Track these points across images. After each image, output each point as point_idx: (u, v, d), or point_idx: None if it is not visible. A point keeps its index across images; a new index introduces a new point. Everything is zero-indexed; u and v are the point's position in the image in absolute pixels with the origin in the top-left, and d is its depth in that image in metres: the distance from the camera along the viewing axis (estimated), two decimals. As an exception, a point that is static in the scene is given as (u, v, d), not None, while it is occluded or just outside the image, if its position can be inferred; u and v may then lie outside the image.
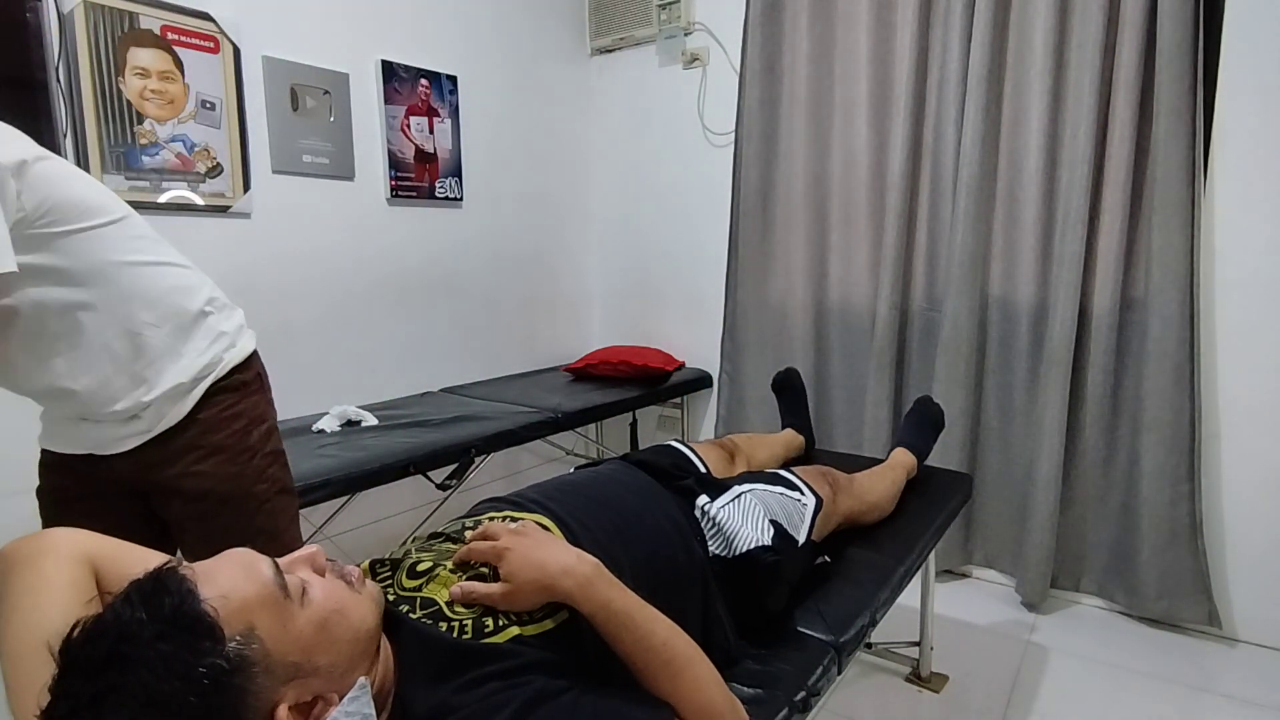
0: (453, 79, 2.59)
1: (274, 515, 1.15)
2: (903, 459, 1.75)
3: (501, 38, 2.76)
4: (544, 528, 0.93)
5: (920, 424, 1.87)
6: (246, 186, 2.05)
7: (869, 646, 1.94)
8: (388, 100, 2.39)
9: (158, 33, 1.84)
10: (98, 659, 0.57)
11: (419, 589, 0.84)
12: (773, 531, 1.17)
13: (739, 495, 1.23)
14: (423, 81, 2.49)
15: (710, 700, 0.79)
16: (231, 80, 2.00)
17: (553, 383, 2.74)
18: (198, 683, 0.57)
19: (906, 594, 1.44)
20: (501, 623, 0.79)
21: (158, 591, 0.60)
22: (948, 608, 2.15)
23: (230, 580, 0.63)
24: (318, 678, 0.66)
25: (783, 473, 1.39)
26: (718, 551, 1.13)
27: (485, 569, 0.83)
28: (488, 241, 2.79)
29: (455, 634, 0.78)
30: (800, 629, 1.17)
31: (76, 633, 0.58)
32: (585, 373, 2.81)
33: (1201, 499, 1.97)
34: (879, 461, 1.76)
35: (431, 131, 2.54)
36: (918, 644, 1.85)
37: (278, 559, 0.69)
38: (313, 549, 0.74)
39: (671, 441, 1.48)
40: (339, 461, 1.73)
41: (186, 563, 0.65)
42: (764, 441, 1.82)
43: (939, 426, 1.89)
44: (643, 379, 2.71)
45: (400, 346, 2.53)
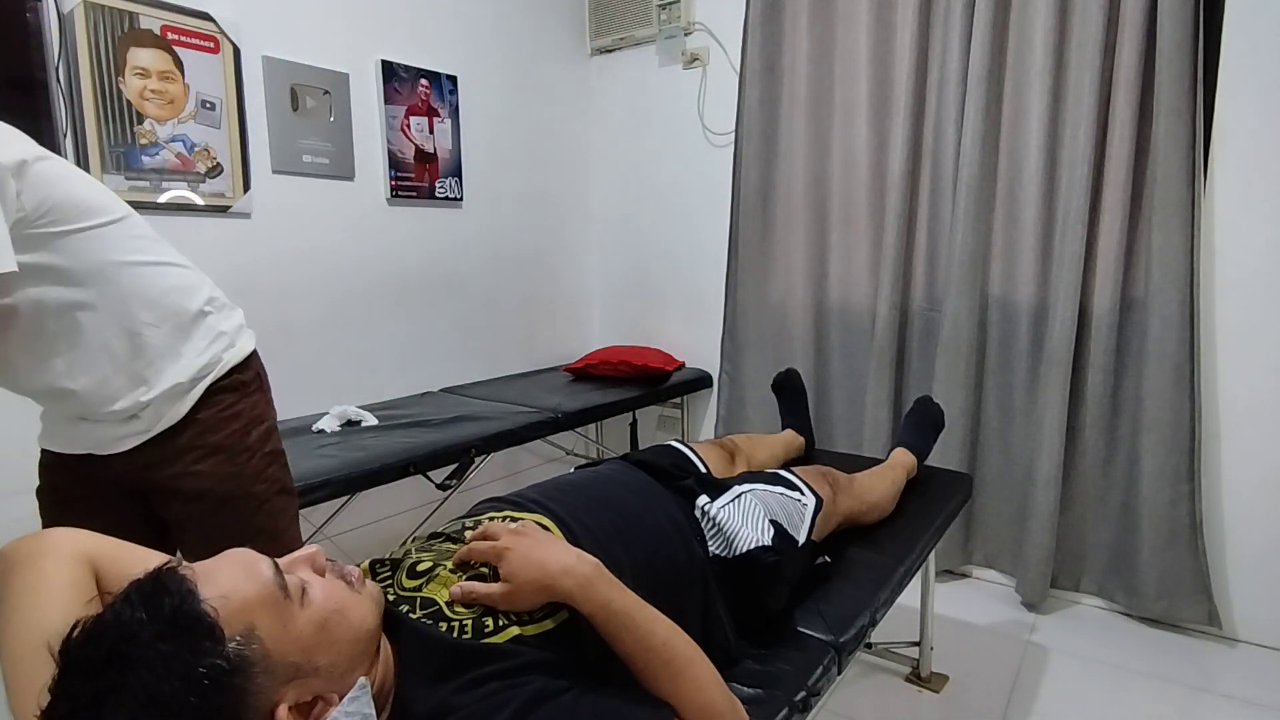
0: (453, 79, 2.59)
1: (273, 515, 1.15)
2: (903, 459, 1.75)
3: (501, 38, 2.76)
4: (544, 528, 0.93)
5: (920, 424, 1.87)
6: (246, 186, 2.05)
7: (869, 646, 1.94)
8: (388, 100, 2.39)
9: (158, 33, 1.84)
10: (98, 659, 0.57)
11: (419, 589, 0.84)
12: (773, 531, 1.17)
13: (739, 495, 1.23)
14: (423, 81, 2.49)
15: (710, 700, 0.79)
16: (231, 80, 2.00)
17: (553, 383, 2.74)
18: (198, 683, 0.57)
19: (906, 594, 1.44)
20: (501, 623, 0.79)
21: (158, 591, 0.60)
22: (948, 608, 2.15)
23: (230, 580, 0.63)
24: (318, 678, 0.66)
25: (783, 473, 1.39)
26: (718, 551, 1.13)
27: (485, 569, 0.83)
28: (488, 241, 2.79)
29: (455, 634, 0.78)
30: (800, 629, 1.17)
31: (76, 633, 0.58)
32: (585, 373, 2.81)
33: (1201, 499, 1.97)
34: (879, 461, 1.76)
35: (431, 131, 2.54)
36: (918, 644, 1.85)
37: (278, 559, 0.69)
38: (313, 549, 0.74)
39: (671, 441, 1.48)
40: (339, 461, 1.73)
41: (186, 563, 0.65)
42: (764, 442, 1.82)
43: (939, 426, 1.89)
44: (643, 379, 2.71)
45: (400, 346, 2.53)
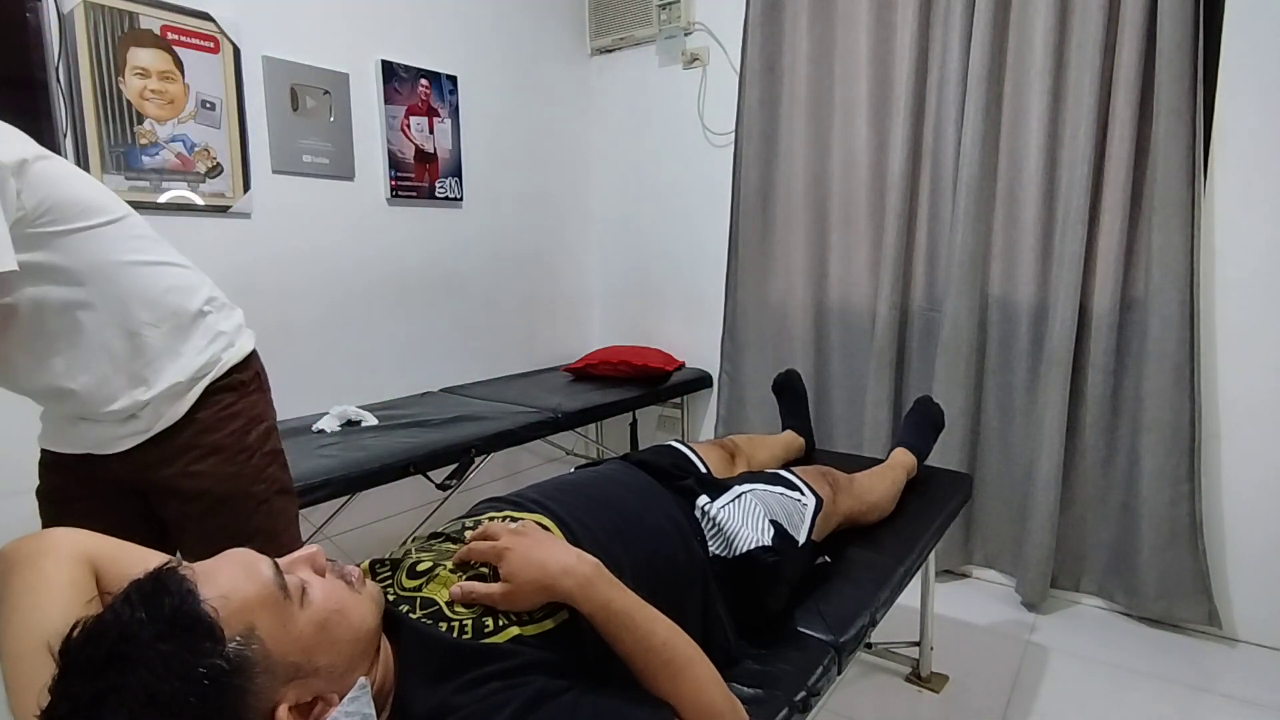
0: (453, 79, 2.59)
1: (272, 515, 1.15)
2: (903, 459, 1.75)
3: (501, 38, 2.76)
4: (544, 528, 0.93)
5: (920, 424, 1.87)
6: (246, 186, 2.05)
7: (869, 646, 1.93)
8: (388, 100, 2.39)
9: (158, 33, 1.84)
10: (98, 659, 0.57)
11: (419, 589, 0.83)
12: (773, 532, 1.17)
13: (739, 495, 1.23)
14: (423, 81, 2.49)
15: (710, 700, 0.79)
16: (231, 80, 2.00)
17: (553, 383, 2.74)
18: (198, 683, 0.57)
19: (906, 594, 1.44)
20: (501, 623, 0.79)
21: (158, 591, 0.60)
22: (948, 608, 2.15)
23: (230, 580, 0.63)
24: (318, 678, 0.66)
25: (783, 473, 1.39)
26: (718, 552, 1.13)
27: (485, 569, 0.83)
28: (488, 241, 2.79)
29: (455, 634, 0.78)
30: (800, 629, 1.17)
31: (76, 633, 0.58)
32: (585, 373, 2.81)
33: (1201, 499, 1.97)
34: (879, 461, 1.76)
35: (431, 131, 2.54)
36: (918, 644, 1.85)
37: (278, 559, 0.69)
38: (313, 549, 0.74)
39: (672, 442, 1.48)
40: (339, 461, 1.73)
41: (186, 563, 0.65)
42: (764, 442, 1.82)
43: (939, 426, 1.89)
44: (643, 379, 2.71)
45: (400, 346, 2.53)
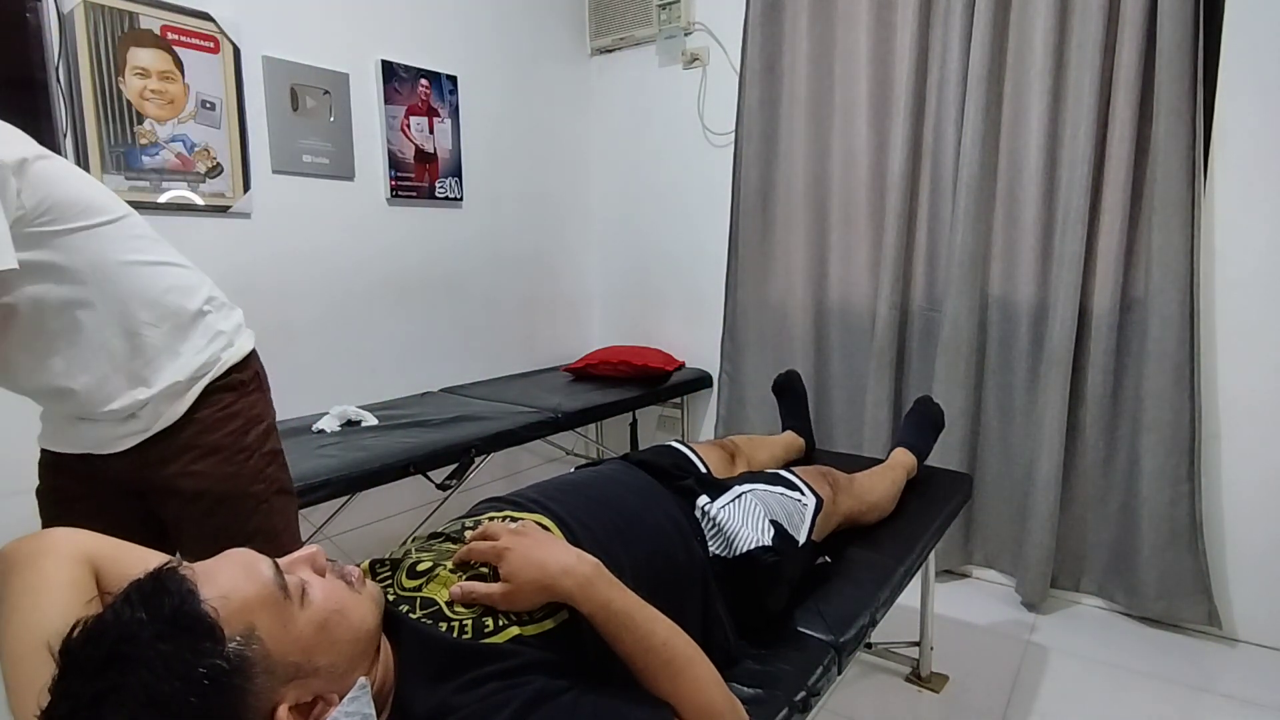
0: (453, 79, 2.59)
1: (271, 515, 1.15)
2: (903, 459, 1.75)
3: (501, 38, 2.76)
4: (544, 528, 0.93)
5: (920, 424, 1.87)
6: (246, 186, 2.05)
7: (869, 646, 1.93)
8: (388, 100, 2.39)
9: (158, 33, 1.84)
10: (98, 659, 0.57)
11: (419, 589, 0.83)
12: (773, 532, 1.17)
13: (739, 495, 1.23)
14: (423, 81, 2.49)
15: (710, 700, 0.79)
16: (231, 80, 2.00)
17: (553, 383, 2.74)
18: (198, 683, 0.57)
19: (906, 594, 1.44)
20: (501, 623, 0.79)
21: (158, 592, 0.60)
22: (948, 608, 2.15)
23: (231, 580, 0.63)
24: (318, 678, 0.66)
25: (783, 473, 1.39)
26: (718, 552, 1.13)
27: (485, 569, 0.83)
28: (488, 241, 2.79)
29: (455, 634, 0.78)
30: (800, 629, 1.17)
31: (76, 633, 0.58)
32: (585, 373, 2.81)
33: (1201, 499, 1.97)
34: (879, 461, 1.76)
35: (431, 131, 2.54)
36: (918, 644, 1.85)
37: (278, 559, 0.69)
38: (313, 549, 0.74)
39: (672, 442, 1.48)
40: (339, 461, 1.73)
41: (186, 563, 0.65)
42: (764, 443, 1.82)
43: (939, 426, 1.89)
44: (643, 379, 2.71)
45: (400, 346, 2.53)
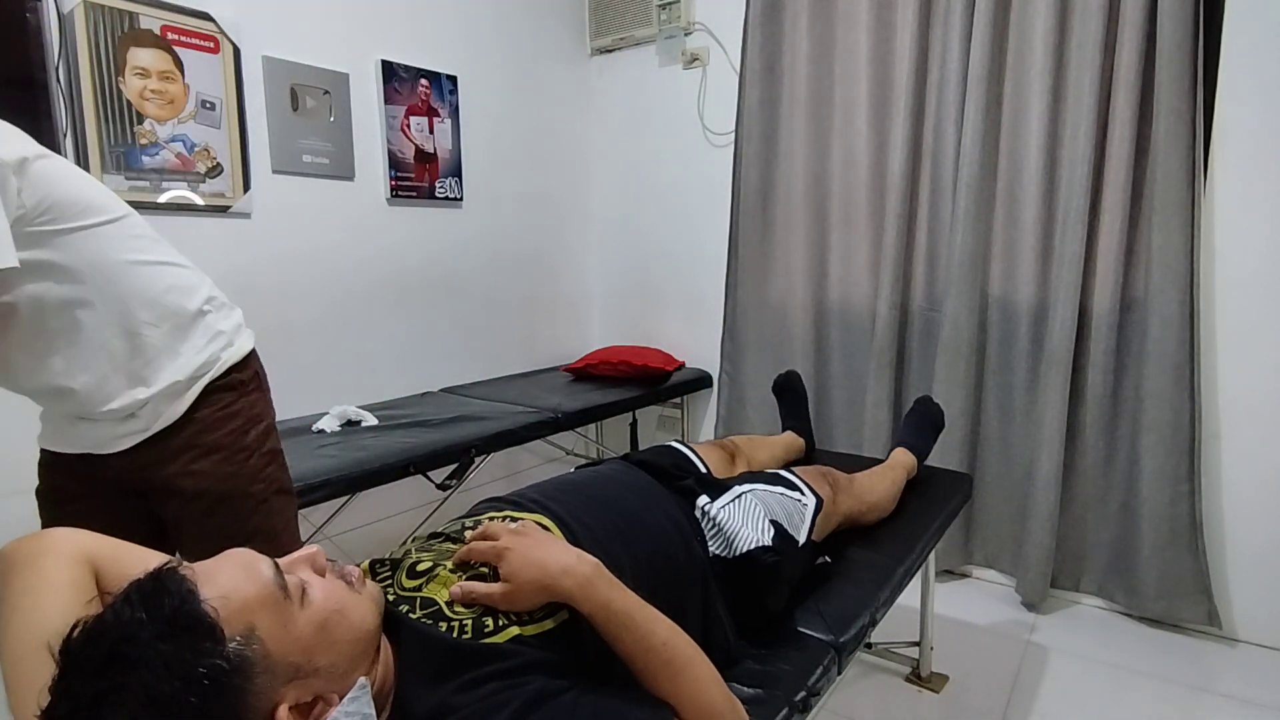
0: (453, 79, 2.59)
1: (271, 515, 1.15)
2: (903, 459, 1.75)
3: (501, 38, 2.76)
4: (544, 528, 0.93)
5: (920, 424, 1.87)
6: (246, 186, 2.05)
7: (869, 646, 1.93)
8: (388, 100, 2.39)
9: (158, 33, 1.84)
10: (98, 659, 0.57)
11: (419, 589, 0.83)
12: (773, 532, 1.17)
13: (739, 495, 1.23)
14: (423, 81, 2.49)
15: (710, 700, 0.79)
16: (231, 80, 2.00)
17: (553, 383, 2.74)
18: (198, 683, 0.57)
19: (906, 594, 1.44)
20: (501, 623, 0.79)
21: (158, 592, 0.60)
22: (948, 608, 2.15)
23: (231, 580, 0.63)
24: (318, 678, 0.66)
25: (783, 473, 1.39)
26: (718, 552, 1.13)
27: (485, 569, 0.83)
28: (488, 241, 2.79)
29: (455, 634, 0.78)
30: (800, 629, 1.17)
31: (76, 633, 0.58)
32: (585, 373, 2.81)
33: (1201, 499, 1.97)
34: (879, 461, 1.76)
35: (431, 131, 2.54)
36: (918, 644, 1.85)
37: (278, 559, 0.69)
38: (313, 549, 0.74)
39: (672, 442, 1.48)
40: (339, 461, 1.73)
41: (186, 563, 0.65)
42: (764, 443, 1.82)
43: (939, 426, 1.89)
44: (643, 379, 2.71)
45: (400, 346, 2.53)
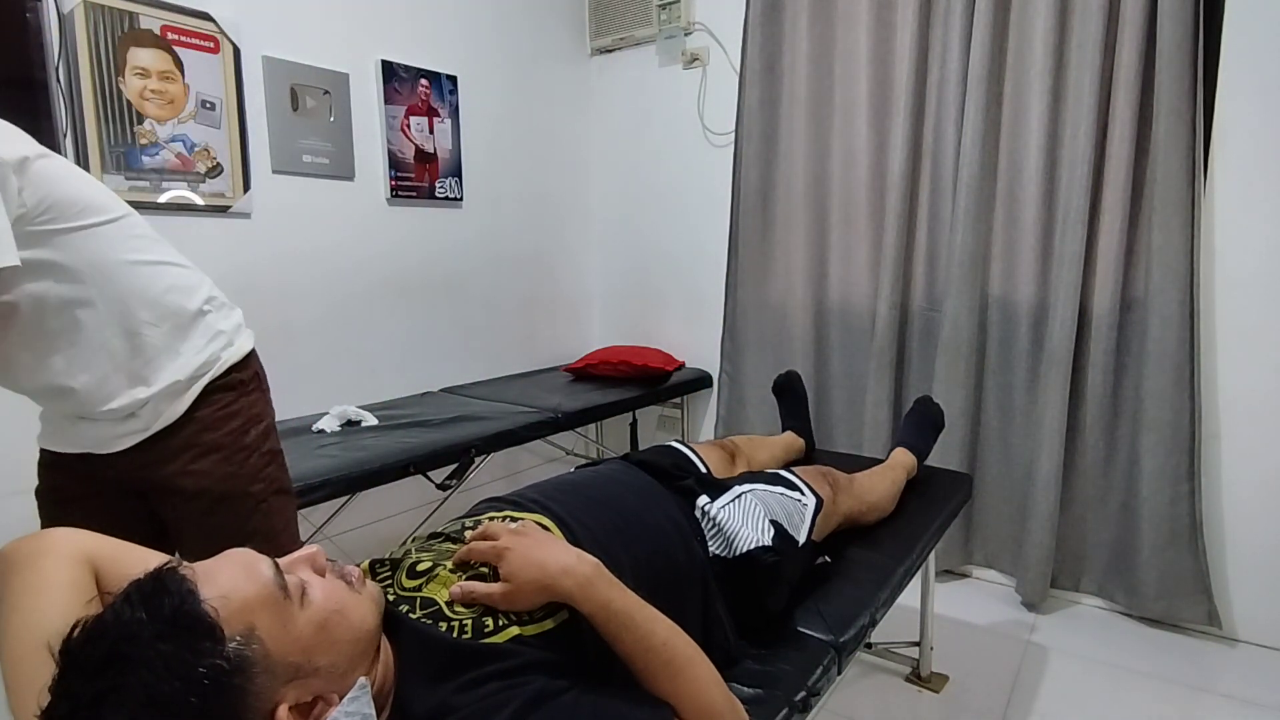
0: (453, 79, 2.59)
1: (270, 515, 1.15)
2: (903, 459, 1.75)
3: (501, 38, 2.76)
4: (544, 527, 0.93)
5: (920, 424, 1.87)
6: (246, 186, 2.05)
7: (869, 646, 1.93)
8: (388, 100, 2.39)
9: (158, 33, 1.84)
10: (98, 659, 0.57)
11: (419, 589, 0.83)
12: (773, 532, 1.17)
13: (739, 495, 1.23)
14: (423, 81, 2.49)
15: (710, 700, 0.79)
16: (231, 80, 2.00)
17: (553, 383, 2.74)
18: (198, 683, 0.57)
19: (906, 594, 1.44)
20: (501, 623, 0.79)
21: (158, 591, 0.60)
22: (948, 608, 2.15)
23: (231, 580, 0.63)
24: (318, 678, 0.66)
25: (783, 473, 1.39)
26: (718, 552, 1.13)
27: (485, 569, 0.83)
28: (488, 241, 2.79)
29: (455, 634, 0.78)
30: (800, 629, 1.17)
31: (76, 633, 0.58)
32: (585, 373, 2.81)
33: (1201, 499, 1.97)
34: (879, 461, 1.76)
35: (431, 131, 2.54)
36: (918, 644, 1.85)
37: (278, 559, 0.69)
38: (313, 549, 0.74)
39: (672, 442, 1.48)
40: (339, 461, 1.73)
41: (186, 563, 0.65)
42: (764, 443, 1.82)
43: (939, 426, 1.89)
44: (643, 379, 2.71)
45: (400, 346, 2.53)
